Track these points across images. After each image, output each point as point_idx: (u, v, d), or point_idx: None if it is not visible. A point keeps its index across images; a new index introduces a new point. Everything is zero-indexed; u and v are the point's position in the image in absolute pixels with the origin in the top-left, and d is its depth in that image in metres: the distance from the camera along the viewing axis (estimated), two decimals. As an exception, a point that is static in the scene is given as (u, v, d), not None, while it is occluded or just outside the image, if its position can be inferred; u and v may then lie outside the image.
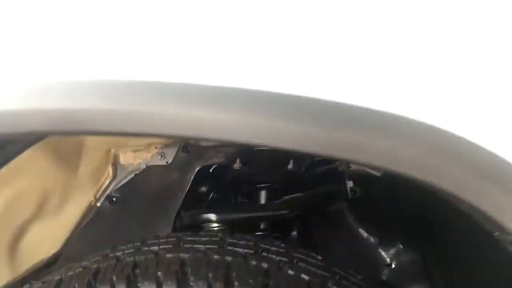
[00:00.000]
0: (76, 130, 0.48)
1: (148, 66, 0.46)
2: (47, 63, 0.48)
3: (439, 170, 0.43)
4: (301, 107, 0.43)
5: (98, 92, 0.45)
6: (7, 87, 0.47)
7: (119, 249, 0.61)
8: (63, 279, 0.55)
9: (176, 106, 0.44)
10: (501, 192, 0.43)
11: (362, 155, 0.44)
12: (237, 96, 0.43)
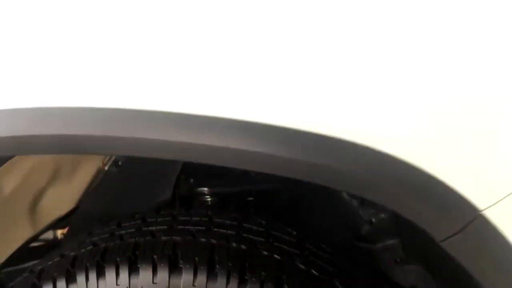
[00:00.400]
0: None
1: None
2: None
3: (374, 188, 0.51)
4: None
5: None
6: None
7: (123, 226, 0.72)
8: (77, 256, 0.66)
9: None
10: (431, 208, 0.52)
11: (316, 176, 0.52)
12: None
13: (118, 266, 0.62)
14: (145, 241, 0.66)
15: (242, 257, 0.64)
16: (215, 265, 0.62)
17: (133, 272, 0.62)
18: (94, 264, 0.63)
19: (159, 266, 0.62)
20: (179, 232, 0.67)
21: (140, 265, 0.62)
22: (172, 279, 0.61)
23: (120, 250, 0.65)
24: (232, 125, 0.51)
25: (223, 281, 0.61)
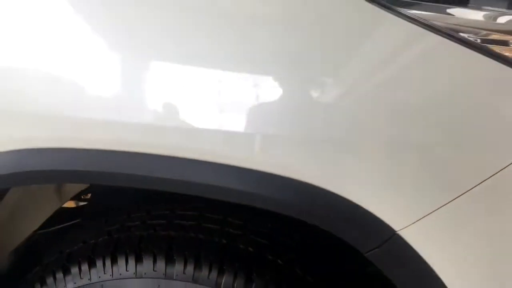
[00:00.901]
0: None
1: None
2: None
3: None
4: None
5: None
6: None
7: (132, 217, 0.91)
8: (96, 244, 0.86)
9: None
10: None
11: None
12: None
13: (127, 256, 0.82)
14: (148, 235, 0.85)
15: (223, 251, 0.83)
16: (200, 258, 0.81)
17: (138, 261, 0.82)
18: (109, 253, 0.83)
19: (158, 257, 0.81)
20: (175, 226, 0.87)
21: (144, 255, 0.82)
22: (168, 268, 0.81)
23: (128, 242, 0.85)
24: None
25: (206, 271, 0.80)
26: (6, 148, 0.76)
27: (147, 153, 0.71)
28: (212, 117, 0.70)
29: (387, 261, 0.74)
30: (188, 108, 0.71)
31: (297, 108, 0.68)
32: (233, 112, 0.71)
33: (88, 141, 0.73)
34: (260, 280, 0.80)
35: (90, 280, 0.83)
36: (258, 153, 0.69)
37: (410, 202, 0.72)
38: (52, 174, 0.76)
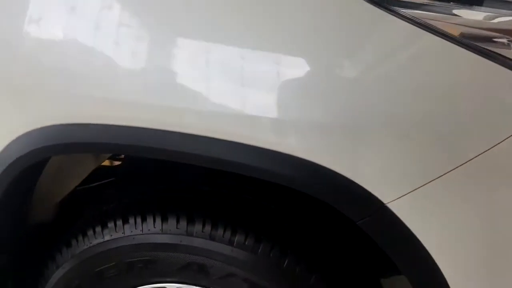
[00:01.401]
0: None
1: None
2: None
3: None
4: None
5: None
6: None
7: (159, 182, 1.04)
8: (129, 203, 1.00)
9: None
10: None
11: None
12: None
13: (154, 215, 0.96)
14: (173, 197, 0.99)
15: (237, 214, 0.96)
16: (217, 219, 0.94)
17: (164, 220, 0.95)
18: (139, 212, 0.97)
19: (181, 217, 0.95)
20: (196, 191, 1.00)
21: (169, 215, 0.95)
22: (189, 227, 0.94)
23: (156, 203, 0.98)
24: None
25: (222, 230, 0.93)
26: (49, 123, 0.89)
27: (175, 131, 0.82)
28: (233, 98, 0.80)
29: (376, 231, 0.84)
30: (212, 89, 0.81)
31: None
32: (253, 94, 0.81)
33: (120, 118, 0.85)
34: (267, 241, 0.93)
35: (123, 234, 0.97)
36: (265, 132, 0.80)
37: (399, 177, 0.80)
38: (87, 146, 0.89)
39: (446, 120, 0.79)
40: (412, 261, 0.86)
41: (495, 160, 0.79)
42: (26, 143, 0.90)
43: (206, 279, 0.97)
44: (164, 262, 0.96)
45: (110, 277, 1.00)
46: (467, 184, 0.81)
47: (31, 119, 0.90)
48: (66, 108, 0.87)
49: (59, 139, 0.89)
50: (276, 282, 0.93)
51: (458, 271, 0.88)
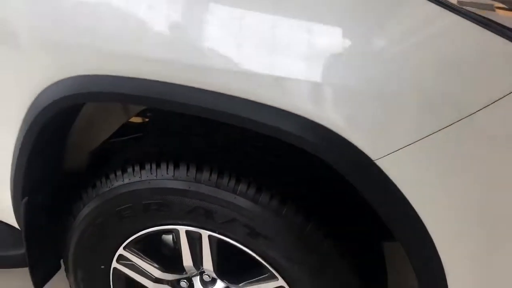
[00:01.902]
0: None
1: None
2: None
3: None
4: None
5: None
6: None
7: (174, 135, 1.14)
8: (148, 152, 1.10)
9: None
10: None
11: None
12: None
13: (168, 163, 1.06)
14: (185, 148, 1.09)
15: (240, 165, 1.05)
16: (223, 169, 1.03)
17: (176, 167, 1.05)
18: (154, 160, 1.07)
19: (191, 165, 1.04)
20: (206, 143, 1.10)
21: (180, 163, 1.05)
22: (197, 174, 1.04)
23: (170, 152, 1.08)
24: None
25: (227, 180, 1.02)
26: (84, 73, 0.99)
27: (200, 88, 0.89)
28: (263, 60, 0.87)
29: (365, 186, 0.91)
30: (244, 50, 0.88)
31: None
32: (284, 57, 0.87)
33: (148, 73, 0.93)
34: (267, 192, 1.01)
35: (140, 178, 1.08)
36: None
37: (387, 135, 0.86)
38: (117, 96, 0.99)
39: (435, 86, 0.84)
40: (399, 219, 0.92)
41: (479, 124, 0.84)
42: (60, 89, 1.01)
43: (212, 223, 1.07)
44: (174, 205, 1.07)
45: (128, 217, 1.12)
46: (452, 145, 0.86)
47: (68, 68, 1.00)
48: (99, 61, 0.97)
49: (91, 88, 0.99)
50: (274, 229, 1.02)
51: (444, 230, 0.94)
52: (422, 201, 0.91)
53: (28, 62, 1.04)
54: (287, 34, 0.86)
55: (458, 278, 0.96)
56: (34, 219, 1.21)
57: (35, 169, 1.14)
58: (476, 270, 0.96)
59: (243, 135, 1.09)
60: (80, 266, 1.25)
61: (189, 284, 1.24)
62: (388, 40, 0.84)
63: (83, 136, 1.32)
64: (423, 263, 0.96)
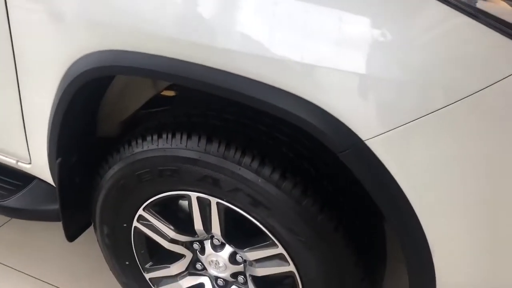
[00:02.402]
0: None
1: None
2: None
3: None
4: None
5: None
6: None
7: (192, 108, 1.24)
8: (165, 123, 1.21)
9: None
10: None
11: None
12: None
13: (182, 134, 1.15)
14: (198, 122, 1.18)
15: (248, 140, 1.13)
16: (230, 142, 1.12)
17: (189, 138, 1.15)
18: (171, 130, 1.17)
19: (202, 137, 1.14)
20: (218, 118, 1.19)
21: (193, 135, 1.14)
22: (207, 146, 1.13)
23: (184, 125, 1.18)
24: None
25: (233, 152, 1.11)
26: (117, 48, 1.09)
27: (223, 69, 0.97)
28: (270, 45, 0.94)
29: (355, 164, 0.97)
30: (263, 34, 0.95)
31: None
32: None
33: (175, 52, 1.01)
34: (270, 163, 1.09)
35: (157, 146, 1.19)
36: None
37: (377, 117, 0.91)
38: (145, 72, 1.08)
39: (426, 72, 0.88)
40: (387, 198, 0.98)
41: (465, 111, 0.88)
42: (90, 61, 1.12)
43: (219, 191, 1.17)
44: (186, 173, 1.17)
45: (146, 181, 1.24)
46: (440, 129, 0.90)
47: (97, 43, 1.11)
48: (132, 39, 1.06)
49: (122, 62, 1.09)
50: (274, 200, 1.10)
51: (431, 212, 0.99)
52: (410, 182, 0.96)
53: (67, 35, 1.16)
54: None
55: (444, 256, 1.02)
56: (66, 178, 1.35)
57: (67, 132, 1.27)
58: (461, 248, 1.01)
59: (255, 113, 1.17)
60: (105, 223, 1.39)
61: (201, 247, 1.35)
62: (387, 30, 0.89)
63: (115, 106, 1.44)
64: (410, 243, 1.01)
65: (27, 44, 1.22)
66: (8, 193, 1.53)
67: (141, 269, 1.44)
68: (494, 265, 1.02)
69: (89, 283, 1.76)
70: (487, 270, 1.03)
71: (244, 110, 1.18)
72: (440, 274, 1.04)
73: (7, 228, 1.99)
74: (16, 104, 1.33)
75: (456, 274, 1.05)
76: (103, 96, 1.35)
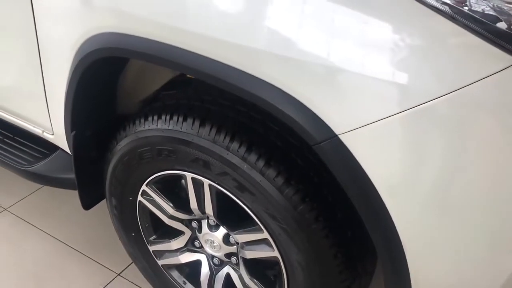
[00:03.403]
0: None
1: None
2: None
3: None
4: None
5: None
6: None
7: (196, 92, 1.29)
8: (167, 105, 1.27)
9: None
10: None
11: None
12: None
13: (179, 116, 1.21)
14: (194, 105, 1.23)
15: (236, 126, 1.17)
16: (221, 128, 1.16)
17: (184, 120, 1.20)
18: (170, 112, 1.23)
19: (195, 121, 1.19)
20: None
21: (188, 118, 1.20)
22: (200, 129, 1.18)
23: (184, 107, 1.24)
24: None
25: (223, 137, 1.15)
26: (131, 33, 1.13)
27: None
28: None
29: (328, 157, 0.98)
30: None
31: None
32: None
33: (188, 44, 1.04)
34: (256, 151, 1.13)
35: (157, 126, 1.25)
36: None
37: (351, 112, 0.92)
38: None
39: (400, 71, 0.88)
40: (358, 192, 0.99)
41: (441, 109, 0.87)
42: (95, 42, 1.19)
43: (210, 173, 1.22)
44: (180, 153, 1.23)
45: (146, 158, 1.31)
46: (415, 127, 0.90)
47: (105, 25, 1.18)
48: (148, 28, 1.10)
49: (136, 47, 1.13)
50: (258, 187, 1.14)
51: (403, 208, 0.98)
52: (381, 178, 0.96)
53: (82, 15, 1.24)
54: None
55: (416, 253, 1.01)
56: (81, 150, 1.45)
57: (80, 107, 1.36)
58: (433, 245, 1.00)
59: (248, 105, 1.21)
60: (113, 195, 1.48)
61: (198, 225, 1.42)
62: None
63: (134, 86, 1.52)
64: (382, 239, 1.02)
65: (47, 23, 1.32)
66: (34, 160, 1.66)
67: (146, 241, 1.53)
68: (469, 262, 1.00)
69: (105, 250, 1.89)
70: (461, 268, 1.01)
71: (240, 97, 1.22)
72: (414, 271, 1.03)
73: (40, 193, 2.16)
74: (39, 78, 1.44)
75: (430, 271, 1.03)
76: (118, 77, 1.43)
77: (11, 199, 2.13)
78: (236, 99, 1.23)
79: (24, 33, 1.38)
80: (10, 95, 1.64)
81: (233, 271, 1.42)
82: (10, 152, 1.71)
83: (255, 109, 1.21)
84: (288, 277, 1.25)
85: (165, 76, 1.61)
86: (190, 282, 1.54)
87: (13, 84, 1.60)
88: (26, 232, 1.97)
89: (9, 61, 1.54)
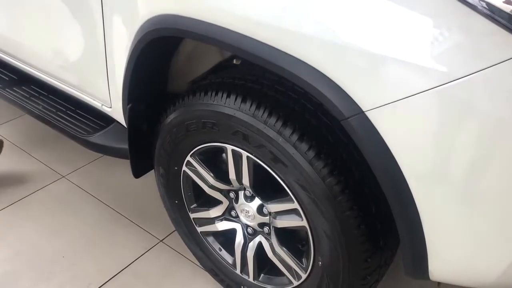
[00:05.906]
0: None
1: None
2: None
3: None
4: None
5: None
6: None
7: (238, 73, 1.42)
8: (213, 82, 1.40)
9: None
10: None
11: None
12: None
13: (223, 92, 1.34)
14: (239, 84, 1.36)
15: (274, 102, 1.28)
16: (261, 104, 1.28)
17: (228, 96, 1.33)
18: (215, 88, 1.36)
19: (238, 97, 1.31)
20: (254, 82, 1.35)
21: (231, 94, 1.32)
22: (241, 105, 1.30)
23: (227, 85, 1.36)
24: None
25: (262, 111, 1.27)
26: (188, 15, 1.26)
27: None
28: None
29: (355, 132, 1.08)
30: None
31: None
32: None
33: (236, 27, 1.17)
34: (291, 126, 1.24)
35: (203, 101, 1.38)
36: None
37: (378, 90, 1.01)
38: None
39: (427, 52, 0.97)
40: (381, 167, 1.08)
41: (461, 90, 0.95)
42: (152, 23, 1.34)
43: (248, 146, 1.34)
44: (223, 126, 1.36)
45: (192, 130, 1.45)
46: (437, 106, 0.98)
47: (163, 8, 1.32)
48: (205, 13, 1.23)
49: (194, 28, 1.26)
50: (290, 159, 1.25)
51: (422, 183, 1.06)
52: (403, 154, 1.05)
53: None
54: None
55: (434, 226, 1.09)
56: (135, 122, 1.61)
57: (137, 83, 1.52)
58: (451, 220, 1.07)
59: (286, 86, 1.32)
60: (161, 164, 1.63)
61: (235, 196, 1.54)
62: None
63: (184, 67, 1.67)
64: (401, 212, 1.11)
65: (113, 4, 1.48)
66: (93, 131, 1.85)
67: (187, 208, 1.68)
68: (485, 237, 1.06)
69: (151, 218, 2.06)
70: (478, 243, 1.07)
71: (279, 78, 1.33)
72: (431, 245, 1.11)
73: (95, 164, 2.36)
74: (102, 55, 1.61)
75: (446, 245, 1.11)
76: (172, 56, 1.58)
77: (69, 168, 2.33)
78: (275, 79, 1.35)
79: (90, 11, 1.55)
80: (75, 71, 1.83)
81: (265, 240, 1.54)
82: (72, 122, 1.90)
83: (292, 89, 1.32)
84: (315, 245, 1.36)
85: (213, 60, 1.75)
86: (225, 249, 1.67)
87: (78, 60, 1.78)
88: (81, 198, 2.17)
89: (75, 39, 1.72)
